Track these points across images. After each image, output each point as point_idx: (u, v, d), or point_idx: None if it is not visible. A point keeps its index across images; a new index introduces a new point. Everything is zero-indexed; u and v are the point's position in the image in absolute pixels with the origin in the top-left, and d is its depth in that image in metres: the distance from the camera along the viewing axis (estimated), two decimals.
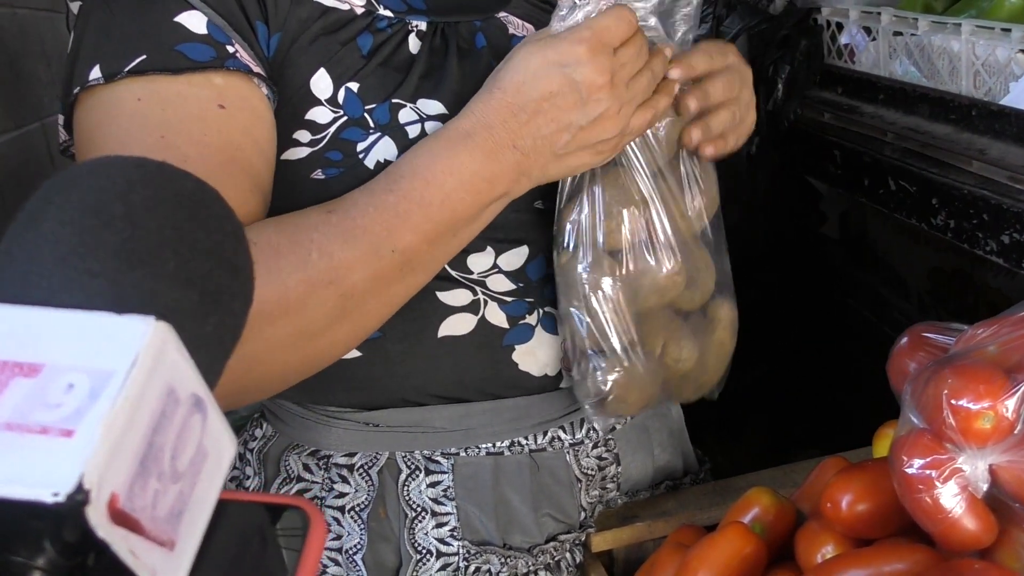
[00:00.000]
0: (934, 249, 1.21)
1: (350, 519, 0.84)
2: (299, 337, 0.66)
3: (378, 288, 0.68)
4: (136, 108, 0.65)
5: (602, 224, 0.77)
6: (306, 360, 0.69)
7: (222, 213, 0.31)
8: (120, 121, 0.66)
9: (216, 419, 0.27)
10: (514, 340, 0.82)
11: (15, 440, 0.24)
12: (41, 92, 1.36)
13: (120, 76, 0.65)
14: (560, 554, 0.89)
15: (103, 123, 0.66)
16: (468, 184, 0.68)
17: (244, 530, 0.28)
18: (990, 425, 0.64)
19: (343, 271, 0.65)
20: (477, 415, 0.83)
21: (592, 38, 0.67)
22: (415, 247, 0.68)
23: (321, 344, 0.68)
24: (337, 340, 0.69)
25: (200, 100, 0.66)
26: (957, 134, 1.04)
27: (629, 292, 0.79)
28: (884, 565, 0.70)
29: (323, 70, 0.72)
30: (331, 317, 0.66)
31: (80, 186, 0.30)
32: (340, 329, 0.68)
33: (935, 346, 0.80)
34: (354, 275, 0.66)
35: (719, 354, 0.86)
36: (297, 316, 0.65)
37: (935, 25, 1.07)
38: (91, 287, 0.29)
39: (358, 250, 0.66)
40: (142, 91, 0.66)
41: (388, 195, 0.67)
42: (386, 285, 0.68)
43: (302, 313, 0.65)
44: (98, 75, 0.66)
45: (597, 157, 0.72)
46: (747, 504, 0.85)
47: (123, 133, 0.65)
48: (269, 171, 0.70)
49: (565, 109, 0.68)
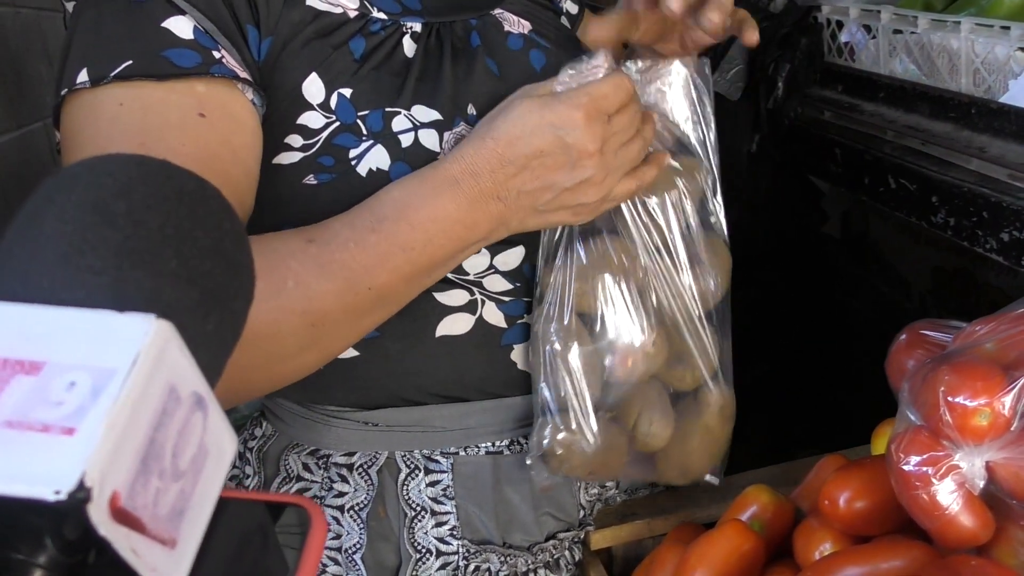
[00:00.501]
0: (935, 247, 1.21)
1: (350, 518, 0.84)
2: (267, 360, 0.67)
3: (350, 320, 0.69)
4: (117, 113, 0.66)
5: (573, 286, 0.78)
6: (271, 380, 0.70)
7: (223, 211, 0.31)
8: (101, 125, 0.66)
9: (217, 417, 0.28)
10: (512, 339, 0.82)
11: (17, 438, 0.24)
12: (43, 91, 1.37)
13: (106, 81, 0.65)
14: (560, 552, 0.89)
15: (85, 126, 0.67)
16: (450, 231, 0.69)
17: (245, 528, 0.29)
18: (987, 422, 0.64)
19: (317, 303, 0.66)
20: (476, 414, 0.84)
21: (589, 104, 0.68)
22: (391, 285, 0.69)
23: (288, 367, 0.69)
24: (304, 364, 0.71)
25: (181, 108, 0.66)
26: (957, 132, 1.04)
27: (594, 358, 0.79)
28: (882, 562, 0.70)
29: (315, 74, 0.72)
30: (301, 345, 0.68)
31: (81, 184, 0.30)
32: (308, 355, 0.70)
33: (933, 343, 0.80)
34: (328, 307, 0.67)
35: (705, 439, 0.85)
36: (267, 342, 0.65)
37: (935, 23, 1.07)
38: (93, 285, 0.29)
39: (334, 284, 0.66)
40: (125, 96, 0.66)
41: (371, 234, 0.68)
42: (357, 317, 0.70)
43: (272, 339, 0.66)
44: (85, 78, 0.66)
45: (575, 217, 0.74)
46: (746, 502, 0.85)
47: (103, 137, 0.65)
48: (247, 179, 0.70)
49: (552, 169, 0.69)
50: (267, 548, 0.29)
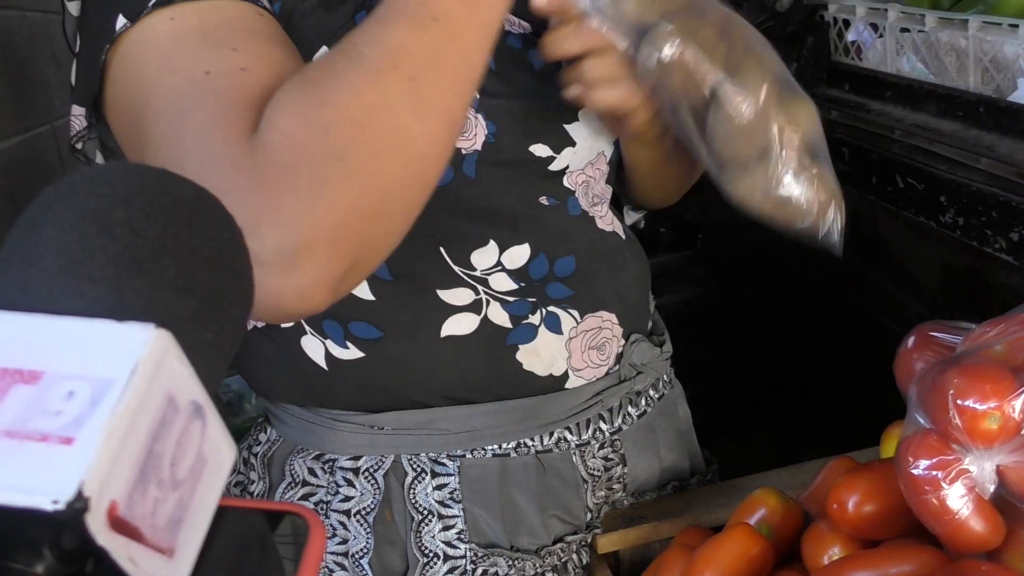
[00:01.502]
0: (944, 247, 1.20)
1: (356, 523, 0.84)
2: (394, 132, 0.62)
3: (437, 61, 0.64)
4: (169, 27, 0.64)
5: None
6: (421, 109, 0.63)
7: (221, 219, 0.31)
8: (159, 43, 0.64)
9: (215, 426, 0.28)
10: (517, 340, 0.82)
11: (15, 447, 0.24)
12: (51, 95, 1.37)
13: (146, 12, 0.64)
14: (567, 555, 0.89)
15: (143, 57, 0.65)
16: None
17: (243, 537, 0.29)
18: (997, 425, 0.64)
19: (398, 52, 0.62)
20: (482, 416, 0.83)
21: None
22: (452, 11, 0.64)
23: (417, 135, 0.63)
24: (430, 133, 0.64)
25: (236, 8, 0.65)
26: (965, 131, 1.03)
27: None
28: (891, 567, 0.69)
29: (325, 48, 0.72)
30: (411, 105, 0.62)
31: (80, 192, 0.31)
32: (427, 122, 0.63)
33: (942, 345, 0.80)
34: (410, 52, 0.62)
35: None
36: (384, 116, 0.61)
37: (942, 21, 1.06)
38: (91, 294, 0.29)
39: (401, 29, 0.63)
40: (173, 12, 0.64)
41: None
42: (439, 56, 0.64)
43: (384, 105, 0.61)
44: (124, 21, 0.65)
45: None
46: (754, 505, 0.85)
47: (164, 58, 0.63)
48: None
49: None
50: (265, 557, 0.29)
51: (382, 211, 0.61)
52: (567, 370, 0.85)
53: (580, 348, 0.86)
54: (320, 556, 0.30)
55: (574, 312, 0.85)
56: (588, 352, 0.87)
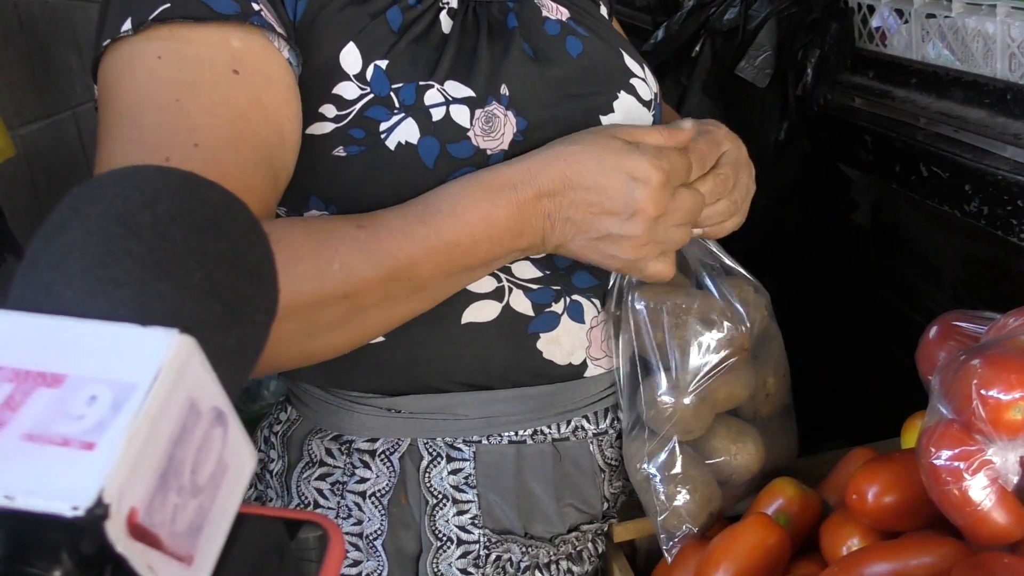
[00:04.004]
0: (968, 237, 1.19)
1: (371, 504, 0.84)
2: (299, 335, 0.68)
3: (386, 307, 0.70)
4: (155, 66, 0.66)
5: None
6: (300, 355, 0.72)
7: (247, 224, 0.31)
8: (139, 77, 0.67)
9: (237, 432, 0.27)
10: (539, 328, 0.82)
11: (36, 451, 0.24)
12: (72, 81, 1.38)
13: (145, 25, 0.66)
14: (582, 544, 0.89)
15: (124, 76, 0.68)
16: (496, 235, 0.70)
17: (262, 545, 0.28)
18: (1021, 416, 0.63)
19: (358, 287, 0.67)
20: (500, 403, 0.83)
21: (669, 170, 0.70)
22: (432, 279, 0.70)
23: (318, 344, 0.70)
24: (334, 344, 0.72)
25: (215, 65, 0.67)
26: (991, 119, 1.02)
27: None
28: (911, 558, 0.69)
29: (352, 44, 0.73)
30: (334, 324, 0.69)
31: (107, 194, 0.30)
32: (340, 336, 0.71)
33: (965, 335, 0.79)
34: (367, 292, 0.68)
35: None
36: (303, 319, 0.66)
37: (969, 6, 1.04)
38: (116, 297, 0.28)
39: (378, 271, 0.67)
40: (164, 49, 0.67)
41: (421, 226, 0.69)
42: (394, 305, 0.71)
43: (308, 317, 0.67)
44: (129, 27, 0.67)
45: (600, 261, 0.74)
46: (771, 495, 0.85)
47: (140, 90, 0.66)
48: (279, 138, 0.71)
49: (608, 212, 0.70)
50: (284, 565, 0.29)
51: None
52: (586, 359, 0.85)
53: (600, 337, 0.86)
54: (339, 565, 0.29)
55: (596, 301, 0.85)
56: (608, 341, 0.87)
